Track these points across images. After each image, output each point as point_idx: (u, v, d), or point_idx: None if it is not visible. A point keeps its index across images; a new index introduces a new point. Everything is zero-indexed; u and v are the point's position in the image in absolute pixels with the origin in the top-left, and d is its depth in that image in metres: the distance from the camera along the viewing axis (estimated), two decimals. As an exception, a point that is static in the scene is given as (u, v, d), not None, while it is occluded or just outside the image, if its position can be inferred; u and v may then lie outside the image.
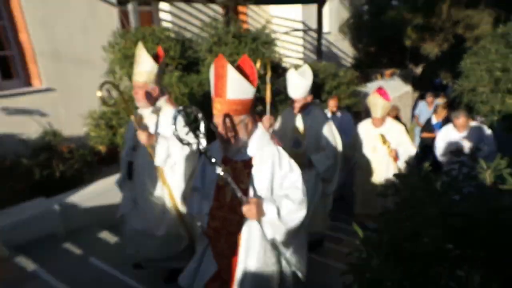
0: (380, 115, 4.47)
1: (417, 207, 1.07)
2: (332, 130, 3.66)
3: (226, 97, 1.92)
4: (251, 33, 4.68)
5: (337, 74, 7.03)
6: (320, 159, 3.54)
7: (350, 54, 13.48)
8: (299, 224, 2.03)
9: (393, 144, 4.42)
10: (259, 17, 10.26)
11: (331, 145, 3.60)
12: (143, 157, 2.97)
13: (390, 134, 4.45)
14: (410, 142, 4.59)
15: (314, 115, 3.64)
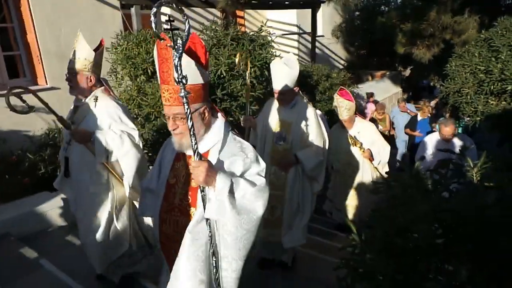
0: (346, 116, 4.15)
1: (409, 204, 1.05)
2: (320, 124, 3.23)
3: (173, 83, 1.53)
4: (248, 35, 4.64)
5: (330, 75, 7.02)
6: (308, 156, 3.09)
7: (342, 56, 13.50)
8: (252, 221, 1.59)
9: (366, 144, 4.17)
10: (255, 21, 10.22)
11: (320, 141, 3.17)
12: (77, 153, 2.63)
13: (362, 134, 4.19)
14: (383, 141, 4.31)
15: (300, 108, 3.18)
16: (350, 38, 12.69)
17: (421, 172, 1.20)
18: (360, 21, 12.68)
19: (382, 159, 4.25)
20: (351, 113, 4.11)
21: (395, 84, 12.12)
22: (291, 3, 9.03)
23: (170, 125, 1.65)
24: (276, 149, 3.20)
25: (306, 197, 3.23)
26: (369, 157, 4.18)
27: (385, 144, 4.25)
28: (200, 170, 1.51)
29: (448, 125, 4.20)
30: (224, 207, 1.54)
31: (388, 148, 4.23)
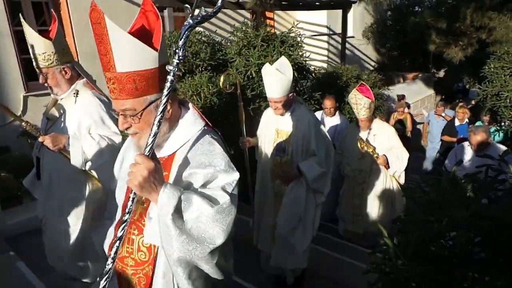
0: (364, 116, 3.73)
1: (445, 209, 1.01)
2: (322, 131, 2.94)
3: (115, 70, 1.23)
4: (278, 36, 4.63)
5: (360, 77, 6.88)
6: (311, 166, 2.82)
7: (373, 58, 13.24)
8: (208, 247, 1.20)
9: (381, 149, 3.76)
10: (285, 22, 10.20)
11: (322, 149, 2.87)
12: (49, 156, 2.34)
13: (379, 138, 3.80)
14: (402, 147, 3.85)
15: (299, 115, 2.89)
16: (381, 39, 12.43)
17: (458, 177, 1.15)
18: (392, 21, 12.39)
19: (399, 168, 3.81)
20: (370, 113, 3.73)
21: (427, 86, 11.75)
22: (321, 4, 8.94)
23: (120, 124, 1.29)
24: (277, 162, 2.94)
25: (309, 212, 2.93)
26: (384, 164, 3.77)
27: (403, 152, 3.82)
28: (139, 170, 1.14)
29: (478, 133, 3.69)
30: (169, 232, 1.17)
31: (406, 156, 3.81)
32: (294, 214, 2.88)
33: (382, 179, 3.93)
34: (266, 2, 6.57)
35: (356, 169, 3.98)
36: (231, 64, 4.72)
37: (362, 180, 3.95)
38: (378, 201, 3.97)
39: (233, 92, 3.10)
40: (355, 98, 3.68)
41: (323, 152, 2.87)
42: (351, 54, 11.83)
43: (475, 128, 3.85)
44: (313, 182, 2.82)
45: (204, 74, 4.53)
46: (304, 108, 2.98)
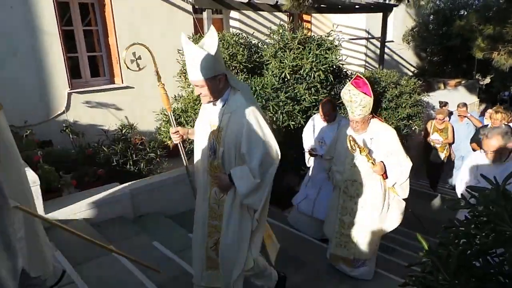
0: (359, 116, 3.06)
1: (493, 223, 0.95)
2: (260, 131, 2.23)
3: None
4: (315, 39, 4.59)
5: (399, 82, 6.68)
6: (243, 176, 2.24)
7: (412, 63, 12.83)
8: None
9: (379, 154, 3.15)
10: (322, 25, 10.10)
11: (257, 155, 2.22)
12: None
13: (377, 141, 3.17)
14: (404, 154, 3.19)
15: (234, 106, 2.26)
16: (423, 43, 12.00)
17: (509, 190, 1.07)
18: (434, 25, 11.95)
19: (399, 179, 3.17)
20: (366, 112, 3.07)
21: (471, 93, 11.21)
22: (361, 7, 8.77)
23: None
24: (212, 164, 2.39)
25: (244, 235, 2.38)
26: (380, 173, 3.13)
27: (405, 159, 3.18)
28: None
29: (493, 136, 2.93)
30: None
31: (408, 165, 3.16)
32: (229, 238, 2.39)
33: (379, 192, 3.24)
34: (304, 4, 6.52)
35: (348, 179, 3.31)
36: (267, 67, 4.73)
37: (355, 193, 3.29)
38: (373, 220, 3.29)
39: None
40: (349, 94, 3.04)
41: (257, 158, 2.22)
42: (389, 58, 11.52)
43: (489, 130, 3.05)
44: (244, 197, 2.27)
45: (240, 75, 4.56)
46: (241, 97, 2.27)
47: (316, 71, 4.36)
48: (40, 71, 5.49)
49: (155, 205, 4.46)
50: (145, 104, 6.37)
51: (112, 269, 3.10)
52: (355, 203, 3.30)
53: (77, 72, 6.12)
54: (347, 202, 3.34)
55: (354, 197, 3.29)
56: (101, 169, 4.61)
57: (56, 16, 5.46)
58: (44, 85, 5.56)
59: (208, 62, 2.13)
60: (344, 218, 3.36)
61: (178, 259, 3.40)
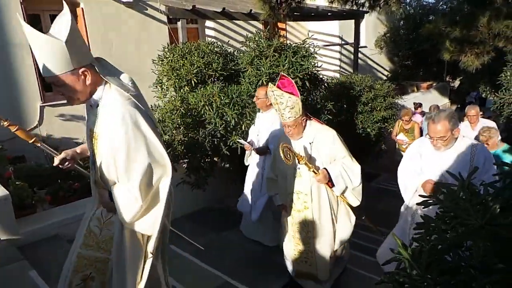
0: (290, 119, 2.73)
1: (461, 217, 0.98)
2: (142, 130, 1.72)
3: None
4: (291, 47, 4.65)
5: (373, 86, 6.84)
6: (120, 196, 1.77)
7: (386, 67, 13.17)
8: None
9: (320, 161, 2.85)
10: (297, 32, 10.26)
11: (137, 165, 1.72)
12: None
13: (317, 146, 2.85)
14: (351, 158, 2.89)
15: (108, 108, 1.78)
16: (395, 48, 12.37)
17: (474, 184, 1.11)
18: (405, 30, 12.34)
19: (348, 184, 2.86)
20: (296, 114, 2.72)
21: (442, 95, 11.61)
22: (333, 14, 8.97)
23: None
24: (95, 178, 1.98)
25: (134, 269, 1.89)
26: (324, 182, 2.79)
27: (352, 162, 2.88)
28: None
29: (439, 120, 2.59)
30: None
31: (357, 169, 2.87)
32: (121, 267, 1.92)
33: (326, 203, 2.94)
34: (279, 14, 6.62)
35: (293, 192, 2.99)
36: (243, 74, 4.75)
37: (303, 206, 2.97)
38: (326, 234, 3.01)
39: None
40: (274, 95, 2.72)
41: (137, 175, 1.71)
42: (363, 63, 11.79)
43: (436, 113, 2.69)
44: (127, 221, 1.79)
45: (216, 84, 4.57)
46: (116, 93, 1.76)
47: (293, 78, 4.41)
48: (11, 84, 5.34)
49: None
50: (121, 115, 6.29)
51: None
52: (304, 217, 2.97)
53: (49, 85, 5.98)
54: (295, 217, 3.04)
55: (303, 210, 2.97)
56: (77, 183, 4.50)
57: (26, 29, 5.34)
58: (16, 99, 5.41)
59: (59, 52, 1.62)
60: (296, 234, 3.08)
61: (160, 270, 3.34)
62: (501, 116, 5.70)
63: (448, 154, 2.68)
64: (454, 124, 2.60)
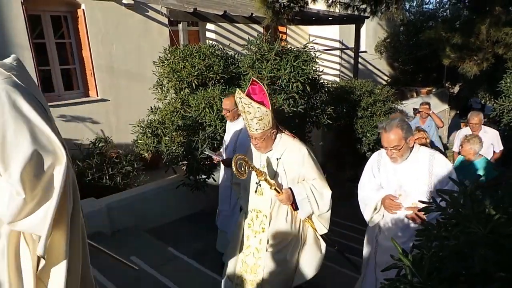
0: (257, 132, 2.45)
1: (463, 225, 0.98)
2: (22, 111, 1.45)
3: None
4: (292, 51, 4.66)
5: (373, 91, 6.86)
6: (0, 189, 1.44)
7: (386, 72, 13.20)
8: None
9: (287, 178, 2.55)
10: (297, 36, 10.28)
11: (18, 154, 1.42)
12: None
13: (285, 163, 2.54)
14: (321, 178, 2.58)
15: None
16: (395, 53, 12.40)
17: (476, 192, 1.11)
18: (405, 36, 12.38)
19: (314, 209, 2.56)
20: (265, 126, 2.44)
21: (442, 101, 11.62)
22: (334, 19, 9.00)
23: None
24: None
25: None
26: (287, 203, 2.51)
27: (323, 186, 2.57)
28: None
29: (391, 129, 2.40)
30: None
31: (327, 194, 2.58)
32: None
33: (287, 228, 2.59)
34: (282, 18, 6.64)
35: (253, 210, 2.64)
36: (244, 77, 4.76)
37: (260, 228, 2.60)
38: (282, 264, 2.61)
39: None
40: (241, 103, 2.42)
41: (18, 164, 1.41)
42: (363, 68, 11.82)
43: (388, 122, 2.46)
44: (9, 220, 1.44)
45: (217, 87, 4.57)
46: None
47: (295, 81, 4.42)
48: (11, 84, 5.33)
49: (133, 219, 4.37)
50: (121, 116, 6.27)
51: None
52: (260, 241, 2.59)
53: (49, 86, 5.98)
54: (251, 239, 2.64)
55: (260, 232, 2.60)
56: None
57: (27, 29, 5.34)
58: (15, 99, 5.39)
59: None
60: (247, 259, 2.65)
61: (156, 274, 3.34)
62: (500, 123, 5.71)
63: (405, 166, 2.50)
64: (407, 132, 2.41)
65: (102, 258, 3.46)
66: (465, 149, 4.00)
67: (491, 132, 5.08)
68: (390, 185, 2.56)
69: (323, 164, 7.59)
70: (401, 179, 2.51)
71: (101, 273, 3.17)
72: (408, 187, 2.48)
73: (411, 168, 2.49)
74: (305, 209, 2.55)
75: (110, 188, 4.67)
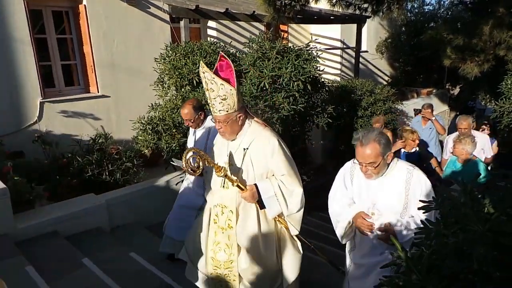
0: (221, 114, 2.23)
1: (462, 223, 0.99)
2: None
3: None
4: (294, 50, 4.66)
5: (373, 91, 6.87)
6: None
7: (386, 72, 13.20)
8: None
9: (254, 173, 2.31)
10: (299, 35, 10.27)
11: None
12: None
13: (252, 154, 2.30)
14: (293, 174, 2.33)
15: None
16: (395, 53, 12.40)
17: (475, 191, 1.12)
18: (406, 36, 12.38)
19: (284, 208, 2.33)
20: (230, 108, 2.21)
21: (442, 102, 11.63)
22: (336, 18, 8.99)
23: None
24: None
25: None
26: (251, 201, 2.30)
27: (294, 183, 2.32)
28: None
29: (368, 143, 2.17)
30: None
31: (298, 192, 2.33)
32: None
33: (254, 225, 2.36)
34: (283, 16, 6.64)
35: (218, 204, 2.41)
36: (245, 75, 4.76)
37: (227, 224, 2.38)
38: (256, 264, 2.39)
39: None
40: (204, 78, 2.20)
41: None
42: (364, 68, 11.81)
43: (364, 133, 2.21)
44: None
45: (218, 84, 4.58)
46: None
47: (295, 80, 4.42)
48: (12, 79, 5.32)
49: (133, 215, 4.37)
50: (121, 113, 6.27)
51: (87, 282, 3.01)
52: (228, 237, 2.37)
53: (50, 81, 5.98)
54: (219, 235, 2.42)
55: (226, 229, 2.37)
56: (75, 180, 4.50)
57: (28, 24, 5.34)
58: (16, 94, 5.39)
59: None
60: (217, 256, 2.44)
61: (155, 270, 3.34)
62: (500, 125, 5.71)
63: (380, 182, 2.24)
64: (385, 147, 2.15)
65: (100, 254, 3.48)
66: (457, 149, 3.88)
67: (481, 137, 4.92)
68: (362, 201, 2.32)
69: (323, 164, 7.59)
70: (374, 197, 2.27)
71: (100, 268, 3.18)
72: (382, 206, 2.23)
73: (386, 185, 2.23)
74: (273, 208, 2.33)
75: (110, 184, 4.68)
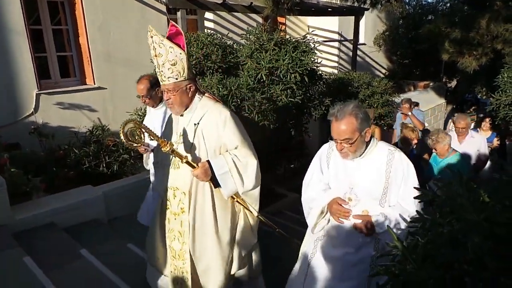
0: (169, 81, 2.12)
1: (458, 212, 1.00)
2: None
3: None
4: (291, 41, 4.64)
5: (371, 83, 6.86)
6: None
7: (384, 65, 13.19)
8: None
9: (205, 148, 2.18)
10: (296, 27, 10.23)
11: None
12: None
13: (203, 129, 2.18)
14: (247, 147, 2.21)
15: None
16: (393, 46, 12.39)
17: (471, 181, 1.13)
18: (404, 29, 12.35)
19: (239, 185, 2.20)
20: (179, 76, 2.10)
21: (439, 95, 11.66)
22: (334, 10, 8.95)
23: None
24: None
25: None
26: (204, 179, 2.13)
27: (247, 154, 2.19)
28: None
29: (344, 117, 2.01)
30: None
31: (253, 165, 2.20)
32: None
33: (209, 208, 2.22)
34: (282, 9, 6.60)
35: (170, 187, 2.27)
36: (242, 67, 4.74)
37: (179, 208, 2.23)
38: (216, 248, 2.24)
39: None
40: (153, 43, 2.07)
41: None
42: (362, 61, 11.80)
43: (340, 109, 2.01)
44: None
45: (215, 76, 4.55)
46: None
47: (293, 72, 4.41)
48: (7, 71, 5.28)
49: (130, 206, 4.37)
50: (118, 104, 6.24)
51: (86, 273, 3.02)
52: (181, 224, 2.23)
53: (46, 73, 5.93)
54: (172, 221, 2.29)
55: (179, 214, 2.23)
56: (72, 172, 4.49)
57: (24, 15, 5.27)
58: (11, 86, 5.34)
59: None
60: (172, 244, 2.30)
61: (153, 262, 3.35)
62: (496, 118, 5.74)
63: (358, 164, 2.08)
64: (363, 122, 1.97)
65: (98, 246, 3.49)
66: (441, 149, 4.04)
67: (478, 137, 4.88)
68: (340, 185, 2.14)
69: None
70: (352, 180, 2.09)
71: (99, 260, 3.19)
72: (360, 191, 2.07)
73: (365, 166, 2.06)
74: (228, 186, 2.16)
75: (107, 176, 4.67)
